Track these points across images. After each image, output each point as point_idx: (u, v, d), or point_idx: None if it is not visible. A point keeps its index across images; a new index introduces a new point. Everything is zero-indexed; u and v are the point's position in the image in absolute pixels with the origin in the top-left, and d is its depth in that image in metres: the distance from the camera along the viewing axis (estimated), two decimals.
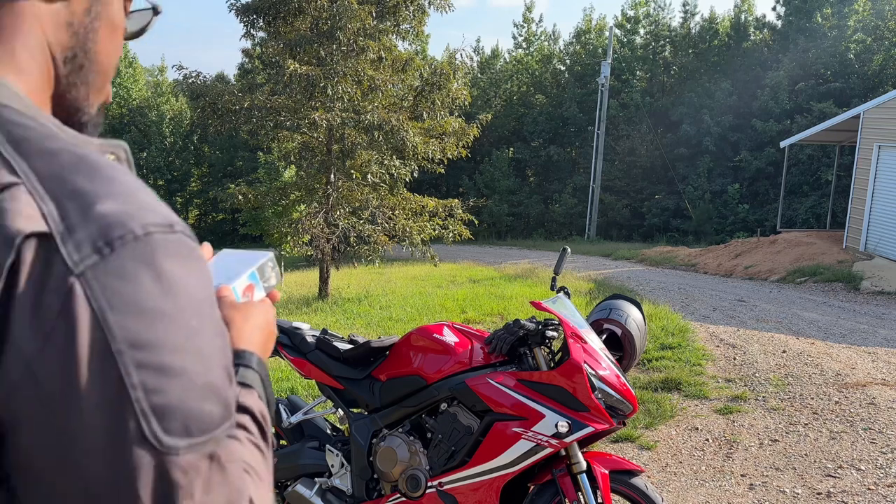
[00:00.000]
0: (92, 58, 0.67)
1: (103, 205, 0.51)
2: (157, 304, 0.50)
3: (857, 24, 24.24)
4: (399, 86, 9.78)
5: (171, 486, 0.49)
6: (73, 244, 0.49)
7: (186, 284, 0.54)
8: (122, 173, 0.56)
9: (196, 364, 0.52)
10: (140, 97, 38.99)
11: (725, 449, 4.02)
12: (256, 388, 0.70)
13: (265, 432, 0.67)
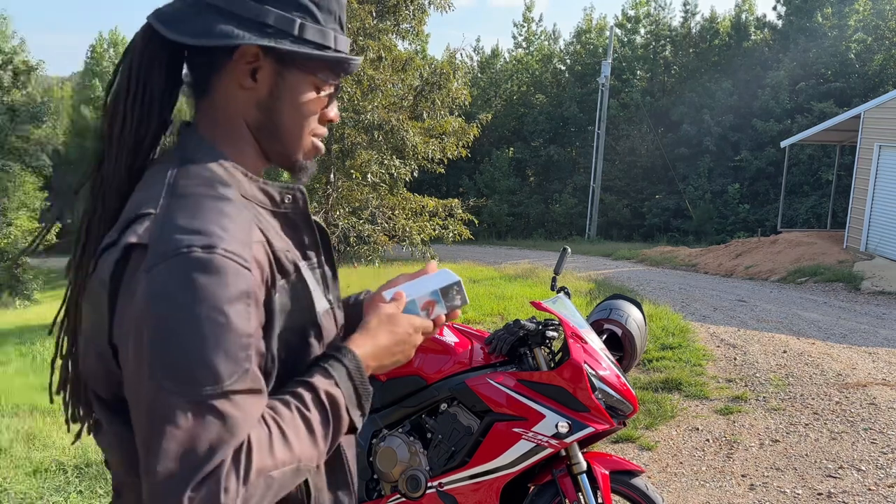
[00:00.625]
0: (279, 126, 0.94)
1: (177, 233, 0.79)
2: (175, 298, 0.76)
3: (857, 24, 24.23)
4: (399, 85, 9.78)
5: (159, 412, 0.75)
6: (152, 253, 0.78)
7: (203, 291, 0.77)
8: (210, 211, 0.82)
9: (187, 343, 0.76)
10: None
11: (726, 449, 4.02)
12: (337, 376, 0.89)
13: (326, 409, 0.86)
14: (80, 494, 3.29)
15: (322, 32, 0.91)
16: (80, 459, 3.64)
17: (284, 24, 0.88)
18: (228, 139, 0.92)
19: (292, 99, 0.92)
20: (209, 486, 0.73)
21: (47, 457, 3.68)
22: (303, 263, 0.93)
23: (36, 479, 3.44)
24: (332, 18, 0.92)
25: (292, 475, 0.82)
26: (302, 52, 0.89)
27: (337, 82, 0.97)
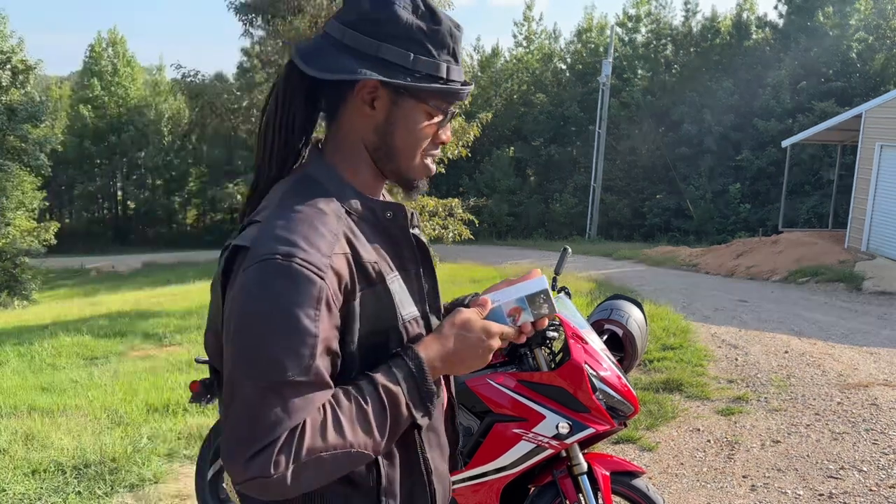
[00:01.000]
0: (393, 148, 1.06)
1: (269, 241, 0.94)
2: (256, 297, 0.92)
3: (858, 23, 24.19)
4: None
5: (234, 390, 0.92)
6: (249, 256, 0.94)
7: (277, 293, 0.91)
8: (301, 223, 0.96)
9: (259, 338, 0.91)
10: (138, 96, 38.94)
11: (727, 450, 4.00)
12: (398, 374, 0.98)
13: (384, 403, 0.97)
14: (79, 495, 3.28)
15: (434, 65, 1.02)
16: (79, 460, 3.63)
17: (399, 59, 1.00)
18: (347, 159, 1.07)
19: (406, 124, 1.04)
20: (263, 458, 0.89)
21: (46, 457, 3.67)
22: (393, 274, 1.04)
23: (34, 480, 3.42)
24: (445, 51, 1.03)
25: (345, 459, 0.94)
26: (411, 84, 1.00)
27: (448, 108, 1.06)
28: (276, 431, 0.90)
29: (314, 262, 0.93)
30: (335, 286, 0.95)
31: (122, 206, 41.62)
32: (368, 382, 0.98)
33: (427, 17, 1.02)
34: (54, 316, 11.26)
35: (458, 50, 1.05)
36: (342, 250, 0.97)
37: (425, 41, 1.01)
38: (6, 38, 21.10)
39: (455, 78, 1.04)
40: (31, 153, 20.58)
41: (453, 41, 1.04)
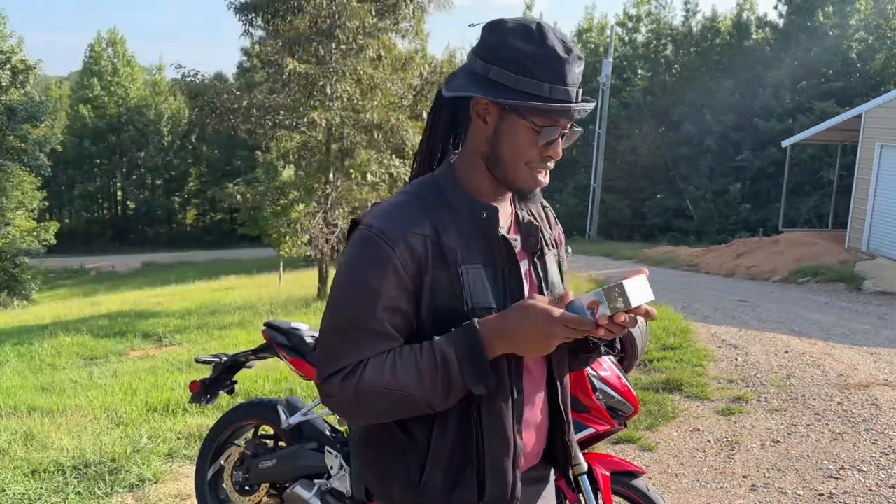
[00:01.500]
0: (500, 157, 1.20)
1: (369, 216, 1.19)
2: (346, 256, 1.19)
3: (858, 23, 24.20)
4: (399, 85, 9.74)
5: (322, 326, 1.20)
6: (357, 226, 1.21)
7: (354, 255, 1.17)
8: (395, 206, 1.21)
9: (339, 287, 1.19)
10: (138, 96, 38.93)
11: (727, 450, 4.00)
12: (453, 341, 1.14)
13: (436, 362, 1.13)
14: (79, 495, 3.28)
15: (536, 85, 1.14)
16: (79, 460, 3.62)
17: (504, 80, 1.15)
18: (466, 166, 1.24)
19: (510, 137, 1.18)
20: (331, 382, 1.16)
21: (45, 457, 3.67)
22: (474, 266, 1.19)
23: (34, 480, 3.42)
24: (550, 75, 1.14)
25: (399, 400, 1.14)
26: (510, 102, 1.14)
27: (552, 125, 1.17)
28: (341, 362, 1.15)
29: (389, 235, 1.15)
30: (406, 257, 1.15)
31: (122, 206, 41.63)
32: (429, 343, 1.15)
33: (536, 42, 1.15)
34: (54, 316, 11.27)
35: (565, 73, 1.15)
36: (422, 232, 1.17)
37: (530, 64, 1.14)
38: (6, 38, 21.10)
39: (557, 97, 1.14)
40: (31, 153, 20.58)
41: (560, 66, 1.14)
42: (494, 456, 1.21)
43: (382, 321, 1.15)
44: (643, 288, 1.12)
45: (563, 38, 1.18)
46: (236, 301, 10.73)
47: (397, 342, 1.17)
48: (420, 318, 1.18)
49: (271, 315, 8.95)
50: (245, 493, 2.79)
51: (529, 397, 1.28)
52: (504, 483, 1.22)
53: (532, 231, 1.28)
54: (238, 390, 4.69)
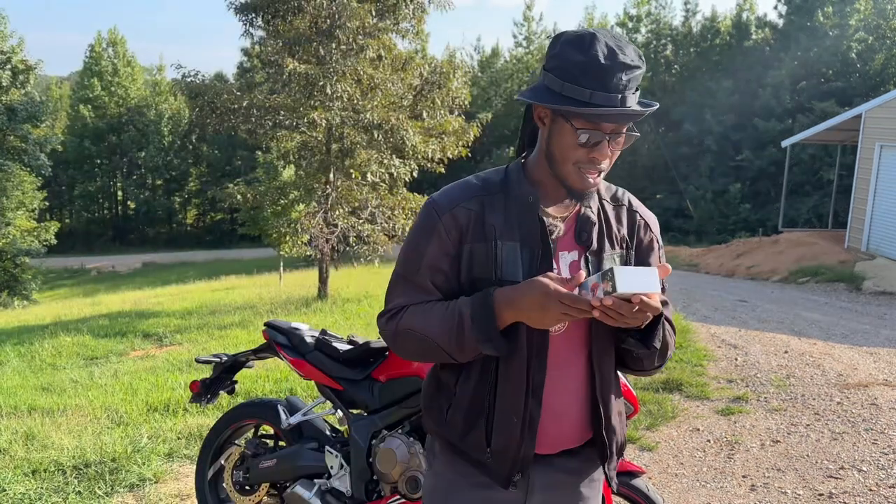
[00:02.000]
0: (553, 157, 1.35)
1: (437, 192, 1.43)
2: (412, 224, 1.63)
3: (858, 24, 24.20)
4: (399, 85, 9.74)
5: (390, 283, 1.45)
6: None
7: (416, 221, 1.41)
8: (456, 184, 1.42)
9: (401, 250, 1.43)
10: (138, 96, 38.93)
11: (727, 450, 4.00)
12: (470, 302, 1.31)
13: (454, 317, 1.31)
14: (79, 495, 3.28)
15: (580, 91, 1.24)
16: (79, 460, 3.63)
17: (554, 86, 1.28)
18: (534, 161, 1.40)
19: (558, 139, 1.32)
20: (383, 318, 1.41)
21: (46, 457, 3.67)
22: (511, 243, 1.34)
23: (35, 480, 3.43)
24: (592, 81, 1.24)
25: (424, 342, 1.34)
26: (553, 106, 1.28)
27: (594, 128, 1.27)
28: (391, 304, 1.41)
29: (439, 206, 1.37)
30: (449, 225, 1.35)
31: (122, 206, 41.63)
32: (455, 301, 1.34)
33: (583, 51, 1.25)
34: (54, 316, 11.27)
35: (608, 79, 1.24)
36: (468, 207, 1.36)
37: (576, 72, 1.25)
38: (6, 38, 21.10)
39: (597, 102, 1.24)
40: (32, 153, 20.58)
41: (604, 73, 1.24)
42: (502, 414, 1.37)
43: (425, 277, 1.37)
44: (643, 279, 1.14)
45: (618, 46, 1.26)
46: (236, 301, 10.74)
47: (435, 296, 1.37)
48: (460, 282, 1.37)
49: (272, 315, 8.96)
50: (245, 492, 2.79)
51: (557, 383, 1.39)
52: (508, 440, 1.38)
53: (585, 226, 1.38)
54: (238, 390, 4.69)
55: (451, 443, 1.45)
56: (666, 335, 1.37)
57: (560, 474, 1.45)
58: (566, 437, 1.43)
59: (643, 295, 1.14)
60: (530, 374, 1.36)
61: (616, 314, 1.16)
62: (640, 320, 1.20)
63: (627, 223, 1.47)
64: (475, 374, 1.39)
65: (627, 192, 1.52)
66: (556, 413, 1.40)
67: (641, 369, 1.44)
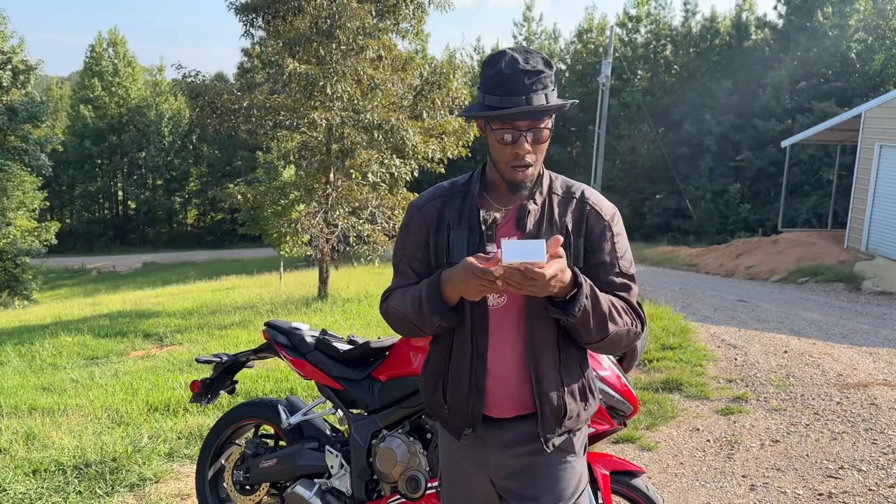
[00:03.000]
0: (491, 157, 1.59)
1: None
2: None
3: (858, 24, 24.20)
4: (399, 85, 9.74)
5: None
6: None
7: (404, 219, 1.72)
8: (431, 187, 1.73)
9: (394, 246, 1.75)
10: (139, 96, 38.92)
11: (726, 450, 4.01)
12: (427, 281, 1.56)
13: (417, 295, 1.57)
14: (80, 495, 3.29)
15: (493, 98, 1.49)
16: (80, 459, 3.63)
17: (479, 98, 1.52)
18: (489, 164, 1.62)
19: (490, 141, 1.54)
20: (382, 301, 1.70)
21: (46, 457, 3.68)
22: (460, 231, 1.58)
23: (35, 480, 3.43)
24: (500, 89, 1.48)
25: (402, 318, 1.61)
26: (474, 114, 1.52)
27: (510, 128, 1.48)
28: (388, 290, 1.69)
29: (414, 205, 1.68)
30: (420, 220, 1.64)
31: (123, 206, 41.62)
32: (421, 282, 1.59)
33: (493, 65, 1.50)
34: (55, 316, 11.27)
35: (512, 84, 1.46)
36: (434, 204, 1.64)
37: (489, 84, 1.50)
38: (6, 39, 21.09)
39: (507, 105, 1.46)
40: (32, 153, 20.58)
41: (505, 79, 1.47)
42: (454, 376, 1.62)
43: (405, 267, 1.66)
44: (527, 250, 1.32)
45: (525, 56, 1.49)
46: (237, 301, 10.74)
47: (414, 280, 1.64)
48: (430, 267, 1.63)
49: (272, 315, 8.96)
50: (245, 492, 2.80)
51: (498, 350, 1.59)
52: (460, 399, 1.61)
53: (524, 215, 1.57)
54: (238, 390, 4.70)
55: (428, 403, 1.72)
56: (600, 307, 1.49)
57: (511, 434, 1.62)
58: (513, 400, 1.61)
59: (528, 264, 1.32)
60: (474, 342, 1.59)
61: (514, 282, 1.36)
62: (541, 288, 1.36)
63: (575, 213, 1.60)
64: (440, 345, 1.66)
65: (586, 187, 1.66)
66: (499, 376, 1.60)
67: (583, 341, 1.56)
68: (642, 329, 1.61)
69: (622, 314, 1.55)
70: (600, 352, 1.63)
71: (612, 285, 1.58)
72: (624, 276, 1.60)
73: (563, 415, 1.60)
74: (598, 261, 1.59)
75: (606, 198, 1.67)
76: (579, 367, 1.64)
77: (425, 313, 1.54)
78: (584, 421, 1.67)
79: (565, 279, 1.40)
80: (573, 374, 1.62)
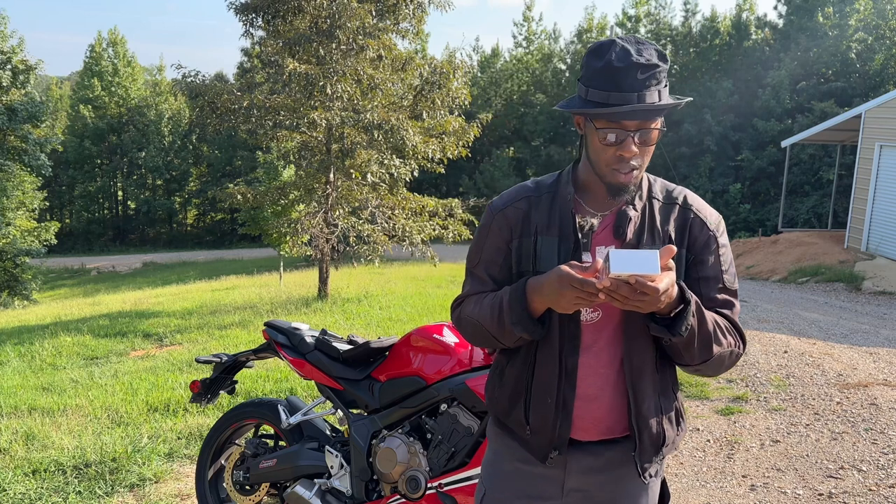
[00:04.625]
0: (590, 157, 1.45)
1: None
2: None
3: (858, 24, 24.19)
4: (399, 85, 9.73)
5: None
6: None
7: (482, 220, 1.57)
8: (513, 187, 1.56)
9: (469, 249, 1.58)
10: (139, 96, 38.92)
11: (727, 450, 4.00)
12: (510, 289, 1.43)
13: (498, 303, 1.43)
14: (79, 495, 3.28)
15: (599, 94, 1.33)
16: (79, 460, 3.63)
17: (581, 93, 1.38)
18: (582, 164, 1.49)
19: (590, 140, 1.41)
20: (453, 306, 1.59)
21: (46, 457, 3.67)
22: (551, 238, 1.45)
23: (35, 480, 3.43)
24: (611, 85, 1.32)
25: (477, 327, 1.48)
26: (577, 111, 1.37)
27: (616, 127, 1.34)
28: (459, 296, 1.57)
29: (494, 206, 1.54)
30: (502, 223, 1.50)
31: (123, 206, 41.61)
32: (500, 290, 1.46)
33: (600, 57, 1.35)
34: (55, 316, 11.27)
35: (620, 80, 1.31)
36: (518, 206, 1.50)
37: (595, 77, 1.35)
38: (6, 39, 21.08)
39: (615, 103, 1.32)
40: (32, 153, 20.57)
41: (614, 73, 1.32)
42: (538, 395, 1.47)
43: (482, 270, 1.53)
44: (639, 260, 1.18)
45: (638, 48, 1.34)
46: (237, 301, 10.74)
47: (491, 287, 1.51)
48: (511, 273, 1.50)
49: (272, 315, 8.96)
50: (245, 492, 2.80)
51: (590, 369, 1.45)
52: (544, 420, 1.47)
53: (623, 222, 1.43)
54: (238, 390, 4.70)
55: (499, 419, 1.58)
56: (706, 326, 1.35)
57: (596, 460, 1.49)
58: (602, 423, 1.47)
59: (639, 276, 1.18)
60: (563, 359, 1.45)
61: (620, 296, 1.21)
62: (650, 303, 1.21)
63: (678, 220, 1.46)
64: (519, 359, 1.50)
65: (688, 192, 1.51)
66: (589, 397, 1.45)
67: (683, 363, 1.43)
68: (744, 349, 1.48)
69: (726, 334, 1.42)
70: (699, 374, 1.48)
71: (714, 302, 1.45)
72: (728, 293, 1.46)
73: (661, 443, 1.49)
74: (702, 274, 1.45)
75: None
76: (673, 391, 1.52)
77: (506, 323, 1.40)
78: (677, 447, 1.56)
79: (674, 294, 1.26)
80: (670, 399, 1.50)
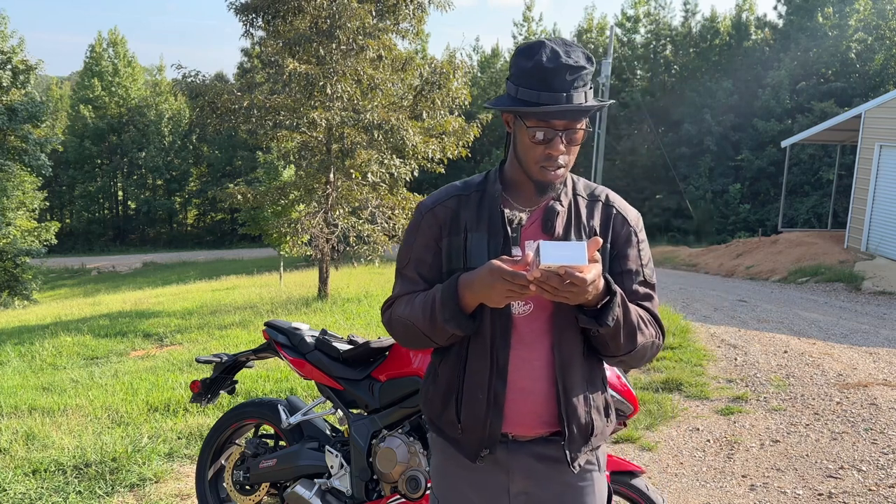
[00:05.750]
0: (518, 154, 1.47)
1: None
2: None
3: (858, 24, 24.20)
4: (399, 85, 9.74)
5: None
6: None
7: (411, 220, 1.55)
8: (443, 187, 1.57)
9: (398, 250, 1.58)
10: (139, 96, 38.93)
11: (726, 450, 4.01)
12: (442, 286, 1.42)
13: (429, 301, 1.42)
14: (80, 495, 3.29)
15: (530, 93, 1.35)
16: (80, 460, 3.63)
17: (511, 91, 1.40)
18: (509, 162, 1.50)
19: (519, 138, 1.42)
20: (383, 308, 1.57)
21: (46, 457, 3.68)
22: (479, 234, 1.45)
23: (35, 480, 3.43)
24: (541, 84, 1.35)
25: (408, 327, 1.47)
26: (508, 109, 1.38)
27: (545, 126, 1.36)
28: (389, 297, 1.55)
29: (423, 205, 1.54)
30: (431, 222, 1.50)
31: (123, 206, 41.62)
32: (432, 289, 1.45)
33: (530, 57, 1.36)
34: (55, 316, 11.27)
35: (552, 79, 1.34)
36: (447, 205, 1.50)
37: (525, 77, 1.36)
38: (6, 39, 21.09)
39: (545, 102, 1.34)
40: (32, 153, 20.58)
41: (545, 73, 1.34)
42: (470, 392, 1.47)
43: (412, 271, 1.52)
44: (568, 252, 1.21)
45: (564, 50, 1.36)
46: (237, 301, 10.74)
47: (422, 286, 1.50)
48: (442, 272, 1.49)
49: (272, 315, 8.96)
50: (245, 492, 2.80)
51: (522, 363, 1.45)
52: (476, 416, 1.46)
53: (551, 216, 1.45)
54: (238, 390, 4.70)
55: (433, 422, 1.56)
56: (630, 317, 1.39)
57: (538, 463, 1.48)
58: (540, 416, 1.46)
59: (568, 267, 1.20)
60: (494, 354, 1.45)
61: (550, 287, 1.24)
62: (578, 294, 1.24)
63: (601, 217, 1.50)
64: (452, 357, 1.50)
65: (609, 191, 1.57)
66: (523, 390, 1.45)
67: (609, 354, 1.45)
68: (663, 341, 1.53)
69: (647, 325, 1.47)
70: (623, 366, 1.52)
71: (636, 294, 1.50)
72: (647, 286, 1.52)
73: (590, 433, 1.50)
74: (624, 268, 1.50)
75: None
76: (601, 381, 1.55)
77: (438, 321, 1.40)
78: (606, 438, 1.57)
79: (601, 286, 1.29)
80: (597, 389, 1.52)
